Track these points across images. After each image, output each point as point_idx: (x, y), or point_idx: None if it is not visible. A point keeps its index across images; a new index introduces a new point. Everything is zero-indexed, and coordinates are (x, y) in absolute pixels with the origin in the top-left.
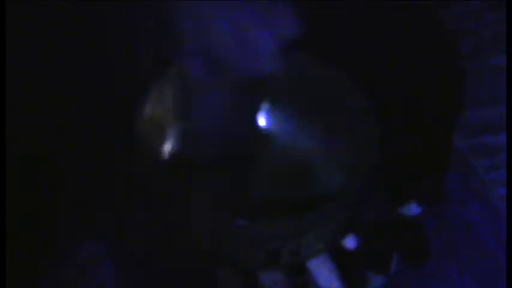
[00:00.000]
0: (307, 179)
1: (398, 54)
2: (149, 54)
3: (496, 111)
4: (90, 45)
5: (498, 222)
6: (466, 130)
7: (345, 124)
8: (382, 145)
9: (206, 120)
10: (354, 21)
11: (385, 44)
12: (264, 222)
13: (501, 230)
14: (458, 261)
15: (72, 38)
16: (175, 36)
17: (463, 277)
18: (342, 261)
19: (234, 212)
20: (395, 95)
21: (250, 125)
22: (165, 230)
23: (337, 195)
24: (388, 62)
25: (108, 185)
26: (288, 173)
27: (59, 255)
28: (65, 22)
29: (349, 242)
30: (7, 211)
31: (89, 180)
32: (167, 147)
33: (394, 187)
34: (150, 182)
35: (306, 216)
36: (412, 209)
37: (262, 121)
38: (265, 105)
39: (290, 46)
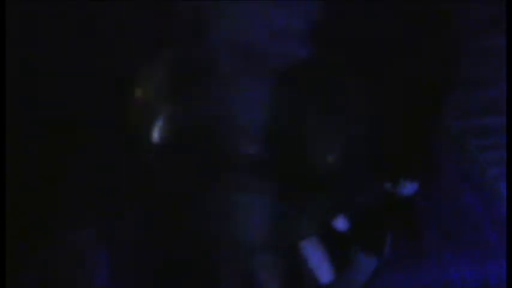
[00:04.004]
0: (300, 159)
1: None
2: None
3: (494, 92)
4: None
5: (492, 203)
6: (461, 111)
7: (338, 104)
8: (375, 126)
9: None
10: (351, 8)
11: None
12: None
13: (494, 211)
14: (452, 244)
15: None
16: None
17: (456, 259)
18: (332, 242)
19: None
20: (390, 77)
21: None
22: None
23: (330, 175)
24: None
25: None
26: (281, 153)
27: (53, 241)
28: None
29: (340, 224)
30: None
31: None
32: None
33: (388, 167)
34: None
35: (299, 198)
36: (408, 188)
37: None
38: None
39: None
